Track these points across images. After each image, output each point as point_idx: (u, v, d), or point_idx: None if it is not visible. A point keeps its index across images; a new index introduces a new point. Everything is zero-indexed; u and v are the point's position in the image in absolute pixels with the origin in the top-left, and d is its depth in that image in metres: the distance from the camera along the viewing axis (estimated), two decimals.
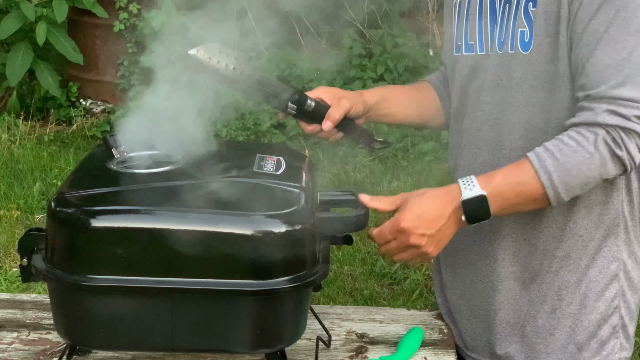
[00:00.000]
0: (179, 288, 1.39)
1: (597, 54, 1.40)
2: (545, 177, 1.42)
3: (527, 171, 1.44)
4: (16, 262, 3.91)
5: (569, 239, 1.55)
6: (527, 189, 1.44)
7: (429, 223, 1.45)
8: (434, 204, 1.46)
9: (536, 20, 1.47)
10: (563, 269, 1.57)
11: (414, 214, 1.46)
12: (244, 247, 1.37)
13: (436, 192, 1.49)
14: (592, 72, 1.41)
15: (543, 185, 1.43)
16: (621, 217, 1.56)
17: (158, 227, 1.37)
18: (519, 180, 1.45)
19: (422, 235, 1.45)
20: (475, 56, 1.60)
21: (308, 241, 1.41)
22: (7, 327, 1.72)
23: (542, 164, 1.42)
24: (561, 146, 1.42)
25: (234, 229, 1.37)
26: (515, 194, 1.45)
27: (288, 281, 1.38)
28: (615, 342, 1.60)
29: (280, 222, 1.38)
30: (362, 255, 4.11)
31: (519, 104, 1.53)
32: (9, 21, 5.65)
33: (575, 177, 1.42)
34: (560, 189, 1.43)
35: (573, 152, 1.41)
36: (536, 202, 1.46)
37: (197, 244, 1.36)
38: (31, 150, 5.33)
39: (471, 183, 1.45)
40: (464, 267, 1.70)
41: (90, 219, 1.38)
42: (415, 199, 1.48)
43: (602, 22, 1.40)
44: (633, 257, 1.59)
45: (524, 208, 1.49)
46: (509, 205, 1.46)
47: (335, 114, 1.66)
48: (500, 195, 1.45)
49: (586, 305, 1.58)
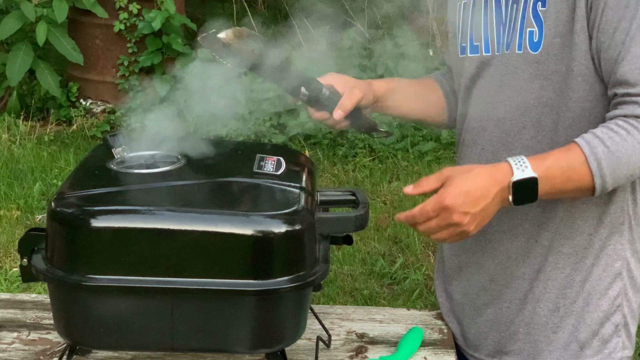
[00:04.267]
0: (179, 288, 1.39)
1: (633, 51, 1.40)
2: (594, 164, 1.40)
3: (578, 156, 1.41)
4: (16, 262, 3.91)
5: (575, 236, 1.55)
6: (576, 175, 1.41)
7: (474, 201, 1.40)
8: (481, 182, 1.41)
9: (546, 20, 1.46)
10: (568, 267, 1.57)
11: (460, 191, 1.40)
12: (244, 248, 1.37)
13: (484, 170, 1.44)
14: (629, 70, 1.40)
15: (592, 172, 1.40)
16: (626, 216, 1.55)
17: (158, 227, 1.37)
18: (569, 165, 1.41)
19: (466, 213, 1.40)
20: (480, 57, 1.59)
21: (308, 241, 1.41)
22: (7, 327, 1.72)
23: (592, 150, 1.40)
24: (611, 134, 1.40)
25: (233, 229, 1.37)
26: (564, 179, 1.42)
27: (288, 281, 1.38)
28: (617, 340, 1.60)
29: (280, 222, 1.38)
30: (362, 255, 4.11)
31: (528, 104, 1.52)
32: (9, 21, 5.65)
33: (624, 166, 1.40)
34: (608, 177, 1.40)
35: (623, 141, 1.39)
36: (581, 190, 1.43)
37: (197, 244, 1.36)
38: (31, 150, 5.33)
39: (523, 164, 1.41)
40: (470, 267, 1.70)
41: (91, 219, 1.38)
42: (462, 176, 1.43)
43: (632, 19, 1.40)
44: (636, 255, 1.59)
45: (568, 195, 1.47)
46: (556, 190, 1.43)
47: (348, 104, 1.64)
48: (551, 179, 1.41)
49: (589, 303, 1.58)
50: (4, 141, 5.46)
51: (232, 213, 1.39)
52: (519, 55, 1.51)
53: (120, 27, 6.06)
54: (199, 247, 1.37)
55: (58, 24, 5.65)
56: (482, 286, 1.67)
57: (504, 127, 1.57)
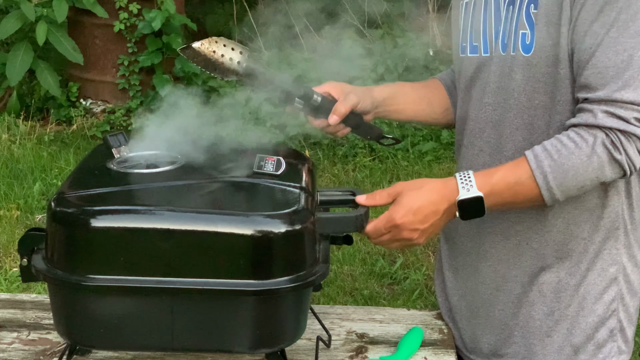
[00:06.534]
0: (179, 288, 1.39)
1: (597, 55, 1.40)
2: (540, 177, 1.42)
3: (525, 171, 1.44)
4: (16, 262, 3.91)
5: (569, 242, 1.55)
6: (523, 189, 1.45)
7: (423, 219, 1.46)
8: (429, 200, 1.46)
9: (538, 22, 1.47)
10: (563, 271, 1.57)
11: (409, 210, 1.46)
12: (243, 247, 1.37)
13: (433, 187, 1.48)
14: (591, 74, 1.41)
15: (538, 185, 1.43)
16: (621, 221, 1.55)
17: (158, 227, 1.37)
18: (516, 180, 1.45)
19: (415, 230, 1.46)
20: (479, 57, 1.60)
21: (308, 241, 1.41)
22: (7, 327, 1.72)
23: (539, 164, 1.43)
24: (559, 147, 1.42)
25: (233, 229, 1.37)
26: (512, 194, 1.46)
27: (288, 281, 1.38)
28: (612, 345, 1.60)
29: (280, 222, 1.38)
30: (362, 255, 4.12)
31: (521, 106, 1.52)
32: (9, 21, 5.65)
33: (572, 179, 1.42)
34: (556, 190, 1.43)
35: (570, 154, 1.41)
36: (532, 202, 1.46)
37: (196, 244, 1.36)
38: (31, 150, 5.34)
39: (469, 182, 1.45)
40: (465, 269, 1.70)
41: (90, 219, 1.38)
42: (412, 193, 1.48)
43: (603, 25, 1.39)
44: (633, 260, 1.59)
45: (520, 206, 1.51)
46: (504, 203, 1.47)
47: (342, 108, 1.65)
48: (497, 195, 1.45)
49: (584, 308, 1.57)
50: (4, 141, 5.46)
51: (232, 213, 1.39)
52: (513, 57, 1.51)
53: (120, 27, 6.07)
54: (198, 247, 1.37)
55: (58, 24, 5.65)
56: (476, 288, 1.67)
57: (499, 129, 1.57)
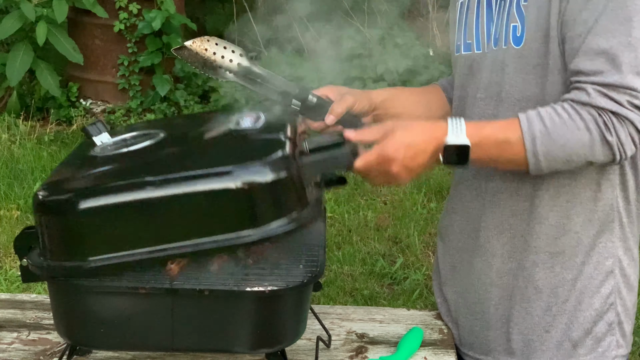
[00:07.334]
0: (179, 288, 1.39)
1: (588, 42, 1.41)
2: (529, 140, 1.42)
3: (515, 131, 1.43)
4: (16, 262, 3.91)
5: (562, 235, 1.56)
6: (510, 148, 1.44)
7: (413, 155, 1.44)
8: (421, 137, 1.45)
9: (528, 14, 1.48)
10: (558, 266, 1.57)
11: (402, 144, 1.44)
12: (231, 200, 1.34)
13: (424, 126, 1.47)
14: (583, 61, 1.41)
15: (525, 148, 1.42)
16: (616, 214, 1.56)
17: (143, 197, 1.35)
18: (505, 139, 1.44)
19: (404, 166, 1.44)
20: (472, 55, 1.61)
21: (296, 184, 1.38)
22: (7, 327, 1.72)
23: (530, 127, 1.42)
24: (553, 115, 1.41)
25: (218, 185, 1.34)
26: (498, 152, 1.45)
27: (282, 225, 1.36)
28: (611, 339, 1.60)
29: (267, 169, 1.35)
30: (362, 255, 4.12)
31: (513, 99, 1.53)
32: (9, 21, 5.65)
33: (560, 149, 1.41)
34: (542, 156, 1.42)
35: (563, 124, 1.40)
36: (516, 164, 1.45)
37: (184, 205, 1.34)
38: (31, 150, 5.34)
39: (460, 129, 1.44)
40: (462, 265, 1.70)
41: (77, 201, 1.37)
42: (404, 129, 1.46)
43: (592, 12, 1.40)
44: (629, 253, 1.59)
45: (503, 166, 1.50)
46: (489, 159, 1.46)
47: (338, 108, 1.66)
48: (484, 149, 1.44)
49: (582, 302, 1.58)
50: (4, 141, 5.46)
51: (215, 170, 1.37)
52: (505, 50, 1.53)
53: (120, 27, 6.07)
54: (187, 209, 1.35)
55: (58, 24, 5.65)
56: (472, 284, 1.68)
57: None
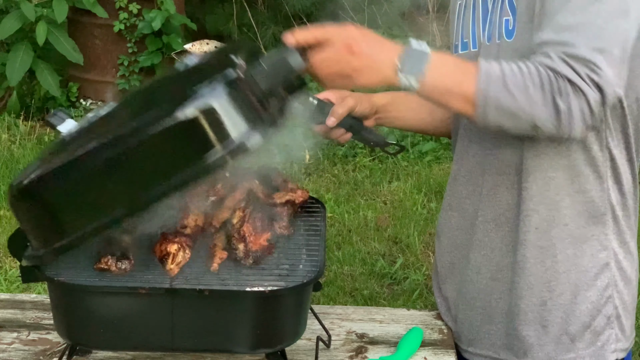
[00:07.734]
0: (179, 288, 1.39)
1: (557, 18, 1.40)
2: (482, 80, 1.39)
3: (473, 69, 1.40)
4: (16, 262, 3.91)
5: (552, 229, 1.56)
6: (464, 83, 1.40)
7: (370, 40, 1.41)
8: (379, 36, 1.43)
9: (519, 7, 1.49)
10: (549, 260, 1.57)
11: (358, 29, 1.42)
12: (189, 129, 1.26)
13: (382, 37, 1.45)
14: (547, 33, 1.40)
15: (476, 87, 1.39)
16: (608, 206, 1.56)
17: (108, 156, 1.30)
18: (463, 72, 1.41)
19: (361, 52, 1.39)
20: (469, 53, 1.62)
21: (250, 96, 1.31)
22: (7, 327, 1.72)
23: (488, 69, 1.39)
24: (514, 66, 1.39)
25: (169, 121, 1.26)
26: (452, 82, 1.41)
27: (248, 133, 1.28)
28: (610, 332, 1.60)
29: (220, 85, 1.27)
30: (362, 255, 4.12)
31: None
32: (9, 21, 5.65)
33: (510, 98, 1.37)
34: (490, 100, 1.38)
35: (521, 75, 1.37)
36: (464, 102, 1.41)
37: (146, 152, 1.29)
38: (31, 150, 5.33)
39: (423, 44, 1.42)
40: (461, 261, 1.70)
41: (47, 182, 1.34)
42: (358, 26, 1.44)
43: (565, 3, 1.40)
44: (625, 247, 1.59)
45: (451, 102, 1.43)
46: (442, 87, 1.41)
47: (339, 110, 1.67)
48: (440, 72, 1.41)
49: (577, 295, 1.58)
50: (4, 141, 5.46)
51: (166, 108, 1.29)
52: (498, 44, 1.53)
53: (120, 27, 6.06)
54: (149, 154, 1.29)
55: (58, 24, 5.65)
56: (471, 279, 1.68)
57: None
